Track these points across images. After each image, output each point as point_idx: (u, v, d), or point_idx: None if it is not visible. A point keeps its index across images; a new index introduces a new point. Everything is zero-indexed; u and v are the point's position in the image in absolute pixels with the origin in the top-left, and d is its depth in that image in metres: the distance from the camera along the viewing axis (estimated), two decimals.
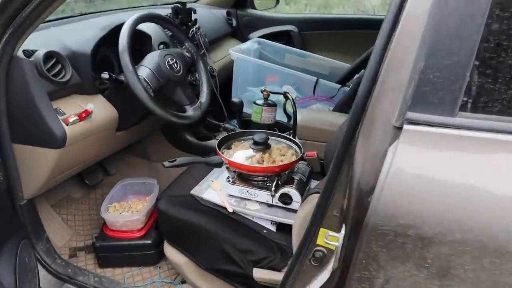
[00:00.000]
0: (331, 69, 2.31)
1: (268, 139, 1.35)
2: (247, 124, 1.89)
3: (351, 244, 0.79)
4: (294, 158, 1.35)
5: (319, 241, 0.94)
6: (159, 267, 1.58)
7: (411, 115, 0.68)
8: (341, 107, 1.83)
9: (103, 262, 1.56)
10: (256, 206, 1.35)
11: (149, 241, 1.54)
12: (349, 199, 0.83)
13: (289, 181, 1.33)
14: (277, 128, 1.90)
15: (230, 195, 1.37)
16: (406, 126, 0.69)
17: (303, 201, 1.13)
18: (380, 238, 0.72)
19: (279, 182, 1.33)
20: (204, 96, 1.53)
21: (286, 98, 1.65)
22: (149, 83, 1.31)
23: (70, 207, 1.82)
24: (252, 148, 1.35)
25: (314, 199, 1.06)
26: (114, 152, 1.66)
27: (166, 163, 1.18)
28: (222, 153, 1.37)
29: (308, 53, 2.38)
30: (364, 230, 0.74)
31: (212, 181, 1.45)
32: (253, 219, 1.34)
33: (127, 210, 1.60)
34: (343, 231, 0.84)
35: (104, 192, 1.96)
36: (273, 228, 1.33)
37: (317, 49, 2.45)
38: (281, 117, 1.91)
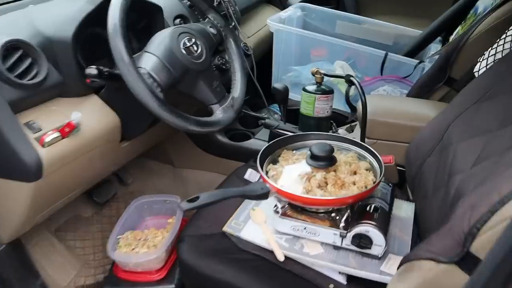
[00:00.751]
0: (395, 38, 1.82)
1: (333, 151, 0.92)
2: (294, 116, 1.45)
3: None
4: (371, 177, 0.92)
5: None
6: None
7: None
8: (419, 91, 1.36)
9: None
10: (318, 249, 0.94)
11: (172, 286, 1.16)
12: None
13: (365, 214, 0.91)
14: (334, 120, 1.46)
15: (279, 232, 0.97)
16: None
17: (400, 264, 0.71)
18: None
19: (351, 214, 0.91)
20: (238, 89, 1.10)
21: (350, 83, 1.19)
22: (156, 78, 0.90)
23: (79, 230, 1.47)
24: (310, 165, 0.92)
25: (424, 268, 0.65)
26: (123, 164, 1.28)
27: (184, 205, 0.78)
28: (267, 172, 0.96)
29: (365, 18, 1.89)
30: None
31: (253, 210, 1.04)
32: (313, 266, 0.93)
33: (141, 245, 1.22)
34: None
35: (120, 207, 1.60)
36: (342, 279, 0.91)
37: (375, 12, 1.95)
38: (336, 103, 1.46)
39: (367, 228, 0.87)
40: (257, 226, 1.00)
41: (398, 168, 1.19)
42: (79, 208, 1.50)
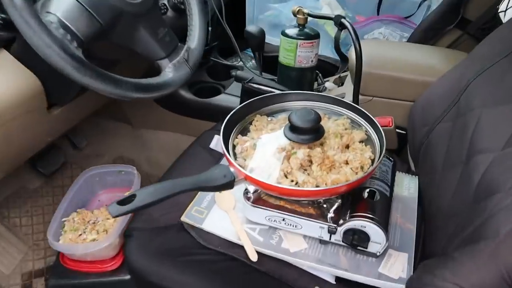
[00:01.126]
0: None
1: (319, 120, 0.69)
2: (273, 64, 1.21)
3: None
4: (368, 154, 0.71)
5: None
6: None
7: None
8: (424, 35, 1.12)
9: None
10: (300, 244, 0.75)
11: (128, 277, 0.98)
12: None
13: (361, 202, 0.71)
14: (319, 70, 1.22)
15: (252, 221, 0.77)
16: None
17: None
18: None
19: (342, 202, 0.71)
20: (195, 37, 0.84)
21: (341, 26, 0.94)
22: (71, 28, 0.64)
23: (25, 205, 1.26)
24: (289, 139, 0.70)
25: None
26: (61, 135, 1.04)
27: (113, 209, 0.56)
28: (234, 147, 0.74)
29: None
30: None
31: (219, 192, 0.83)
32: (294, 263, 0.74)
33: (90, 229, 1.02)
34: None
35: (75, 174, 1.38)
36: (330, 278, 0.73)
37: None
38: (322, 49, 1.21)
39: (363, 223, 0.67)
40: (223, 214, 0.80)
41: (398, 131, 0.98)
42: (23, 180, 1.28)
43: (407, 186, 0.86)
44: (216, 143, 0.98)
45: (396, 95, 0.97)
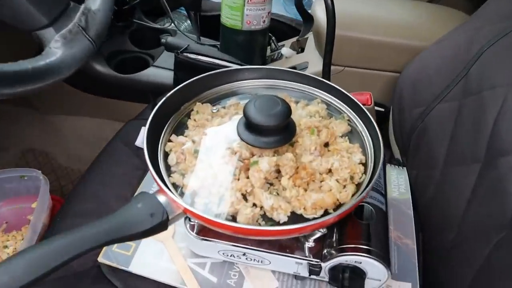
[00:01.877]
0: None
1: (289, 112, 0.47)
2: (214, 26, 0.96)
3: None
4: (358, 156, 0.50)
5: None
6: None
7: None
8: None
9: None
10: (268, 282, 0.54)
11: None
12: None
13: (352, 227, 0.51)
14: (272, 32, 0.99)
15: (199, 255, 0.55)
16: None
17: None
18: None
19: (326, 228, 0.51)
20: None
21: None
22: None
23: None
24: (245, 141, 0.47)
25: None
26: None
27: None
28: (167, 154, 0.51)
29: None
30: None
31: None
32: None
33: None
34: None
35: None
36: None
37: None
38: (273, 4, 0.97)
39: (358, 258, 0.47)
40: (160, 244, 0.57)
41: (377, 108, 0.79)
42: None
43: (395, 183, 0.68)
44: (144, 138, 0.73)
45: (374, 64, 0.77)
